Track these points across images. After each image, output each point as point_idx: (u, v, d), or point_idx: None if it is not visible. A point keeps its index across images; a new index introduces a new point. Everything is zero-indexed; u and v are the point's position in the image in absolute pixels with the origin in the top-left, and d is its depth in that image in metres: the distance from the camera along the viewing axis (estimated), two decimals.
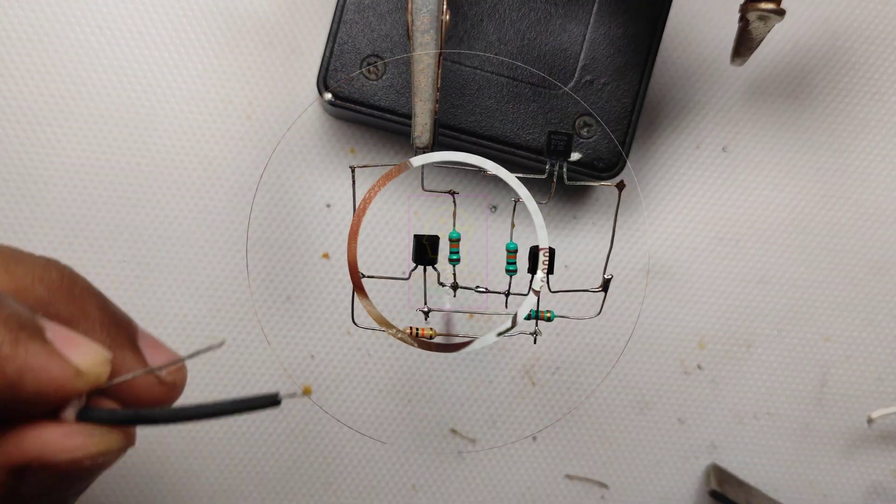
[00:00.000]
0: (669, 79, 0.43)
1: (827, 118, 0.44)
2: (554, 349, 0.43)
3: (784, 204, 0.44)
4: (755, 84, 0.43)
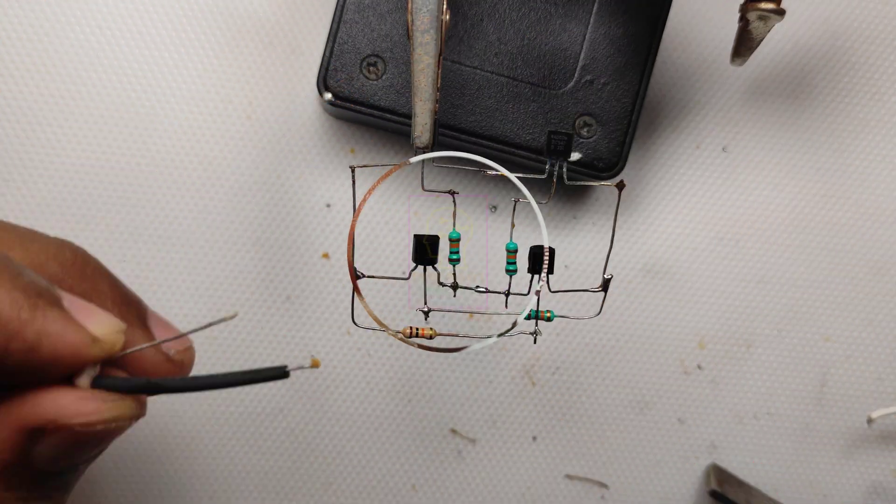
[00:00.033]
0: (669, 79, 0.43)
1: (827, 118, 0.44)
2: (554, 349, 0.43)
3: (784, 204, 0.44)
4: (755, 84, 0.43)
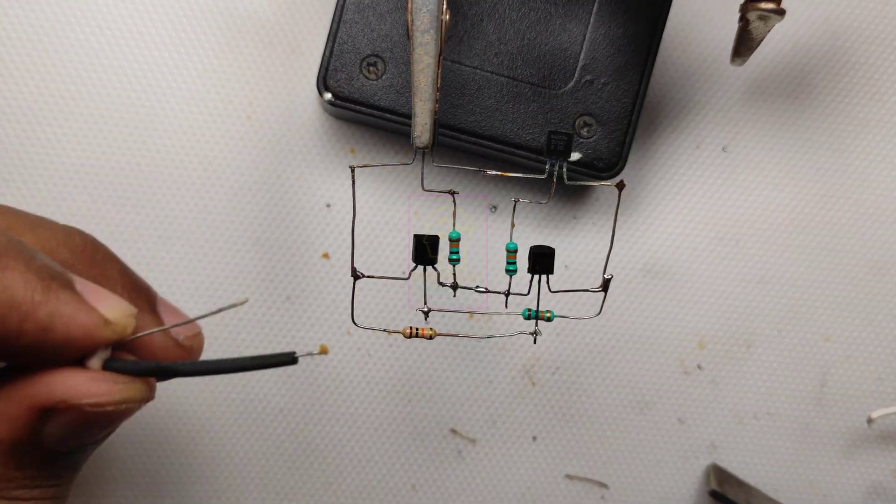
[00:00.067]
0: (669, 79, 0.43)
1: (827, 118, 0.44)
2: (554, 349, 0.43)
3: (784, 204, 0.44)
4: (755, 84, 0.43)
